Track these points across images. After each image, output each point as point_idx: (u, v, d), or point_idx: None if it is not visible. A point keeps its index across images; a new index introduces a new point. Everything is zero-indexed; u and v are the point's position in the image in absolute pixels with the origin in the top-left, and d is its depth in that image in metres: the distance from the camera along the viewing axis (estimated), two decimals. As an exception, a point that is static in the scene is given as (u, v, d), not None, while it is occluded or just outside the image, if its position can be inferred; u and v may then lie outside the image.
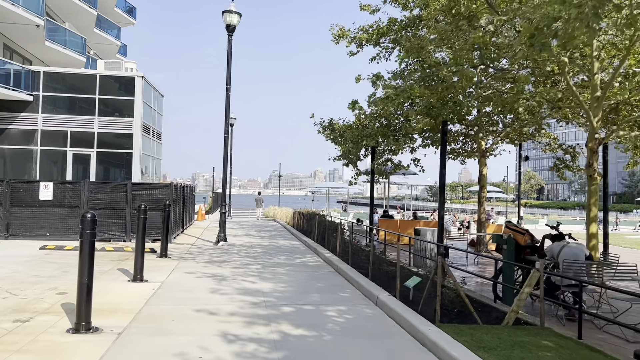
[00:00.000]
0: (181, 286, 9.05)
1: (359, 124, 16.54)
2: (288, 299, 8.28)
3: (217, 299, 8.14)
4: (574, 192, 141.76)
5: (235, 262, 12.17)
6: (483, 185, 17.23)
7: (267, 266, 11.72)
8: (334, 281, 10.10)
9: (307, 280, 10.13)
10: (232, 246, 15.56)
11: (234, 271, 10.88)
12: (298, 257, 13.60)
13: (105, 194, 15.44)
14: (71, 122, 23.42)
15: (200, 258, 12.76)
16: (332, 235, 14.95)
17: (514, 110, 13.93)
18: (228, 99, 15.71)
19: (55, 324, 6.26)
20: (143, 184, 16.04)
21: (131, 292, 8.36)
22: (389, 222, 19.71)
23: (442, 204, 11.56)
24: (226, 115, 15.76)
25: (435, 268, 6.61)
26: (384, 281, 9.62)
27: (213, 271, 10.80)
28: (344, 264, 11.46)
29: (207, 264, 11.75)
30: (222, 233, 15.81)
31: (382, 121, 16.17)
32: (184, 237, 17.67)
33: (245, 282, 9.63)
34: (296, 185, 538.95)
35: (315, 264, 12.43)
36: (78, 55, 28.83)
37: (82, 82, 24.26)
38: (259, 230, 22.52)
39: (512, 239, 8.47)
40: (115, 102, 24.60)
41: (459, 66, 10.23)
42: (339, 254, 13.09)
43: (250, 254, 13.82)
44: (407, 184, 33.19)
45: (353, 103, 14.02)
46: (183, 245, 15.39)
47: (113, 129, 23.90)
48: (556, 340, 5.83)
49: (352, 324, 6.80)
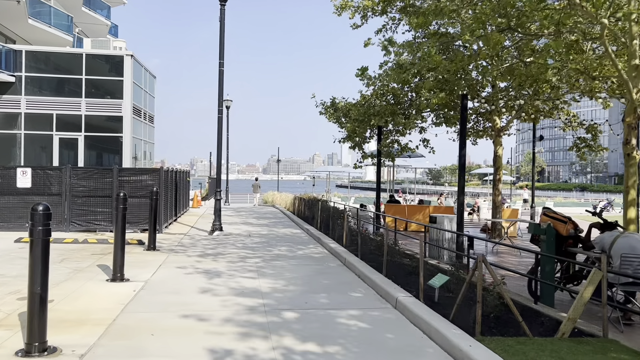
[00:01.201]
0: (168, 286, 7.84)
1: (364, 102, 15.23)
2: (291, 301, 7.08)
3: (209, 302, 6.93)
4: (575, 173, 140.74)
5: (231, 255, 10.96)
6: (499, 166, 15.98)
7: (267, 259, 10.52)
8: (342, 277, 8.89)
9: (312, 276, 8.92)
10: (229, 236, 14.35)
11: (230, 266, 9.67)
12: (300, 247, 12.40)
13: (90, 181, 14.18)
14: (57, 105, 22.07)
15: (192, 250, 11.55)
16: (337, 223, 13.74)
17: (540, 82, 12.64)
18: (221, 75, 14.37)
19: (4, 343, 5.04)
20: (131, 169, 14.79)
21: (107, 295, 7.14)
22: (396, 208, 18.50)
23: (461, 189, 10.32)
24: (219, 94, 14.43)
25: (474, 268, 5.39)
26: (401, 277, 8.42)
27: (206, 266, 9.59)
28: (352, 256, 10.26)
29: (200, 258, 10.54)
30: (218, 222, 14.59)
31: (389, 99, 14.88)
32: (177, 226, 16.45)
33: (241, 280, 8.43)
34: (295, 170, 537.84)
35: (320, 255, 11.23)
36: (64, 34, 27.33)
37: (68, 62, 22.84)
38: (258, 218, 21.31)
39: (552, 229, 7.25)
40: (104, 82, 23.20)
41: (484, 29, 8.90)
42: (346, 244, 11.88)
43: (248, 245, 12.62)
44: (411, 167, 31.93)
45: (362, 70, 12.64)
46: (175, 235, 14.17)
47: (101, 112, 22.56)
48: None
49: (370, 336, 5.60)
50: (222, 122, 14.30)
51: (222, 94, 14.37)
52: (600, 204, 41.64)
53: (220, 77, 14.33)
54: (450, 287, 7.11)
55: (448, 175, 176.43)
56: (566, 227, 7.36)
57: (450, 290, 7.29)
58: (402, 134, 16.82)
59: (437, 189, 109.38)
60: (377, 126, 15.76)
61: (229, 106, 33.32)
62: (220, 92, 14.39)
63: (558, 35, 10.80)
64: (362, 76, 12.72)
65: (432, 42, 10.12)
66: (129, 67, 22.65)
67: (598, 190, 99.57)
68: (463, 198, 10.37)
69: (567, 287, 7.38)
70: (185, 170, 22.36)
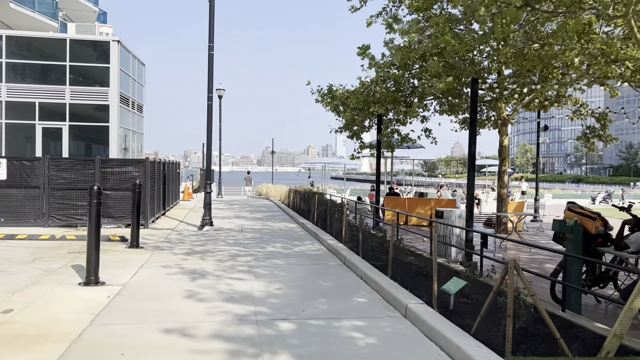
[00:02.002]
0: (148, 290, 6.98)
1: (363, 89, 14.35)
2: (287, 308, 6.25)
3: (193, 310, 6.09)
4: (570, 165, 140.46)
5: (221, 253, 10.11)
6: (504, 157, 15.16)
7: (260, 258, 9.67)
8: (343, 278, 8.07)
9: (310, 277, 8.09)
10: (219, 231, 13.49)
11: (219, 265, 8.83)
12: (296, 244, 11.56)
13: (71, 172, 13.25)
14: (40, 93, 21.04)
15: (179, 248, 10.68)
16: (335, 217, 12.91)
17: (550, 67, 11.83)
18: (211, 59, 13.43)
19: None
20: (114, 160, 13.89)
21: (77, 302, 6.28)
22: (396, 201, 17.68)
23: (471, 180, 9.49)
24: (209, 79, 13.50)
25: (503, 275, 4.57)
26: (408, 279, 7.62)
27: (193, 266, 8.74)
28: (352, 254, 9.44)
29: (187, 256, 9.68)
30: (208, 216, 13.72)
31: (390, 86, 14.01)
32: (165, 221, 15.56)
33: (232, 282, 7.59)
34: (289, 162, 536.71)
35: (317, 253, 10.40)
36: (49, 20, 26.25)
37: (51, 48, 21.77)
38: (251, 211, 20.45)
39: (580, 226, 6.44)
40: (89, 69, 22.17)
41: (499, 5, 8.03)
42: (345, 240, 11.06)
43: (239, 241, 11.77)
44: (409, 158, 31.11)
45: (364, 48, 11.67)
46: (162, 230, 13.29)
47: (87, 100, 21.54)
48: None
49: (381, 354, 4.78)
50: (211, 109, 13.40)
51: (212, 79, 13.45)
52: (599, 195, 41.07)
53: (210, 62, 13.39)
54: (465, 291, 6.31)
55: (443, 166, 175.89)
56: (595, 224, 6.55)
57: (465, 295, 6.49)
58: (403, 123, 15.97)
59: (432, 180, 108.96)
60: (377, 115, 14.93)
61: (221, 95, 32.27)
62: (210, 77, 13.46)
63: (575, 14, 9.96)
64: (364, 55, 11.78)
65: (444, 20, 9.22)
66: (115, 54, 21.62)
67: (593, 181, 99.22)
68: (473, 191, 9.55)
69: (594, 291, 6.59)
70: (175, 162, 21.43)
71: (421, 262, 8.28)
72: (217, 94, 32.23)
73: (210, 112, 13.45)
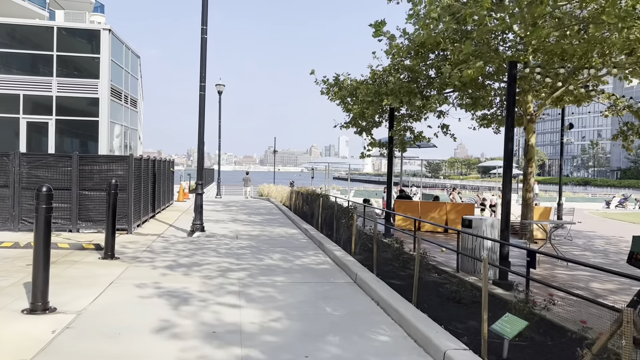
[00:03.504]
0: (109, 321, 5.47)
1: (374, 79, 12.83)
2: (284, 351, 4.74)
3: (160, 354, 4.58)
4: (576, 167, 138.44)
5: (209, 267, 8.59)
6: (531, 157, 13.61)
7: (255, 273, 8.15)
8: (355, 304, 6.54)
9: (315, 301, 6.57)
10: (211, 238, 11.97)
11: (205, 284, 7.31)
12: (298, 255, 10.03)
13: (45, 170, 11.78)
14: (24, 84, 19.57)
15: (162, 259, 9.17)
16: (342, 223, 11.38)
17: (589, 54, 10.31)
18: (204, 44, 11.90)
19: None
20: (95, 157, 12.41)
21: (9, 340, 4.78)
22: (408, 205, 16.12)
23: (508, 183, 7.95)
24: (202, 66, 11.97)
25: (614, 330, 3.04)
26: (437, 306, 6.12)
27: (173, 284, 7.23)
28: (364, 270, 7.91)
29: (169, 271, 8.17)
30: (199, 220, 12.21)
31: (403, 78, 12.48)
32: (153, 225, 14.06)
33: (218, 308, 6.08)
34: (292, 162, 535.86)
35: (323, 267, 8.87)
36: (38, 8, 24.81)
37: (37, 36, 20.29)
38: (249, 213, 18.92)
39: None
40: (78, 60, 20.70)
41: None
42: (355, 252, 9.53)
43: (232, 251, 10.25)
44: (417, 159, 29.52)
45: (378, 25, 10.08)
46: (146, 236, 11.78)
47: (75, 92, 20.07)
48: None
49: None
50: (204, 100, 11.87)
51: (204, 66, 11.92)
52: (614, 199, 39.43)
53: (202, 46, 11.87)
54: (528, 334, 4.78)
55: (446, 168, 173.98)
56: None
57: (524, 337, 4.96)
58: (417, 119, 14.45)
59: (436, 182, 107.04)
60: (389, 109, 13.40)
61: (221, 91, 30.86)
62: (202, 64, 11.94)
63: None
64: (379, 33, 10.21)
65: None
66: (106, 43, 20.13)
67: (601, 184, 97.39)
68: (510, 196, 8.02)
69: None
70: (168, 160, 19.92)
71: (451, 283, 6.76)
72: (217, 89, 30.85)
73: (203, 103, 11.94)
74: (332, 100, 13.99)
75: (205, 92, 11.94)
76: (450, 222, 15.54)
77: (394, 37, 10.87)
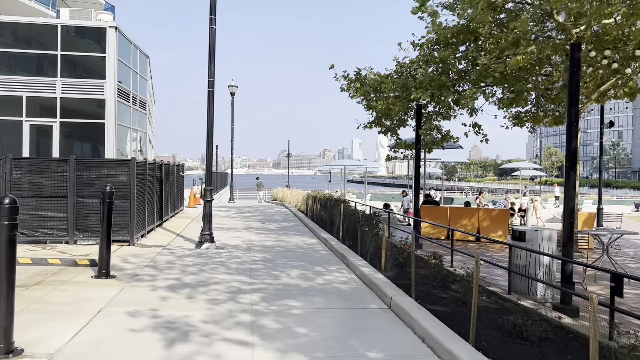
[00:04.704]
0: (85, 369, 4.30)
1: (401, 71, 11.60)
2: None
3: None
4: (596, 169, 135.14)
5: (218, 287, 7.40)
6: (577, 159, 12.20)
7: (270, 296, 6.94)
8: (394, 341, 5.29)
9: (344, 338, 5.33)
10: (221, 250, 10.80)
11: (211, 312, 6.12)
12: (319, 271, 8.80)
13: (39, 176, 10.71)
14: (27, 85, 18.64)
15: (164, 277, 8.00)
16: (367, 232, 10.14)
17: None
18: (213, 35, 10.76)
19: None
20: (94, 161, 11.33)
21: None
22: (435, 211, 14.80)
23: (571, 187, 6.65)
24: (210, 60, 10.82)
25: None
26: (498, 342, 4.87)
27: (174, 312, 6.05)
28: (400, 293, 6.66)
29: (170, 293, 7.00)
30: (208, 230, 11.04)
31: (432, 72, 11.22)
32: (159, 234, 12.93)
33: (224, 349, 4.89)
34: (305, 165, 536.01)
35: (349, 288, 7.62)
36: (44, 7, 24.00)
37: (41, 35, 19.37)
38: (263, 220, 17.74)
39: None
40: (83, 59, 19.74)
41: None
42: (385, 269, 8.27)
43: (245, 266, 9.06)
44: (439, 161, 28.17)
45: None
46: (150, 248, 10.65)
47: (80, 94, 19.09)
48: None
49: None
50: (213, 96, 10.71)
51: (213, 58, 10.76)
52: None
53: (211, 38, 10.72)
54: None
55: (462, 170, 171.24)
56: None
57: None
58: (446, 117, 13.15)
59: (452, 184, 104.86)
60: (416, 106, 12.16)
61: (234, 92, 29.87)
62: (210, 56, 10.78)
63: None
64: (422, 8, 8.93)
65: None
66: (112, 42, 19.14)
67: (623, 186, 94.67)
68: (574, 204, 6.74)
69: None
70: (178, 163, 18.83)
71: (513, 312, 5.47)
72: (229, 90, 29.91)
73: (212, 100, 10.78)
74: (353, 97, 12.76)
75: (214, 88, 10.79)
76: (483, 231, 14.20)
77: (436, 13, 9.61)
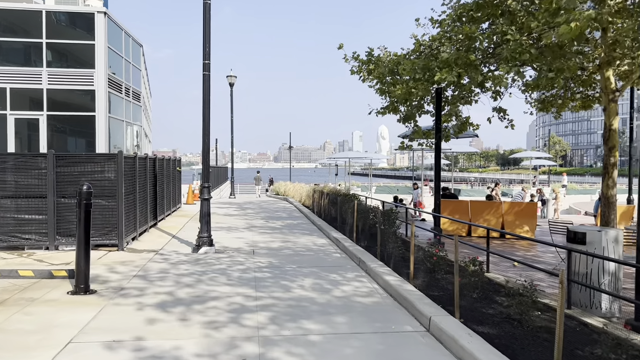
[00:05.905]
0: None
1: (420, 50, 10.32)
2: None
3: None
4: (600, 157, 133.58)
5: (217, 305, 6.17)
6: (614, 145, 10.97)
7: (280, 316, 5.71)
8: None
9: (380, 378, 4.11)
10: (221, 254, 9.57)
11: (208, 339, 4.90)
12: (335, 279, 7.57)
13: (14, 173, 9.48)
14: (10, 76, 17.38)
15: (154, 290, 6.77)
16: (385, 231, 8.91)
17: None
18: (207, 11, 9.46)
19: None
20: (76, 156, 10.08)
21: None
22: (455, 206, 13.54)
23: None
24: (205, 40, 9.53)
25: None
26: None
27: (162, 341, 4.84)
28: (441, 312, 5.44)
29: (160, 313, 5.77)
30: (206, 232, 9.80)
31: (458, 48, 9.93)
32: (153, 236, 11.71)
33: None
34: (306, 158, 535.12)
35: (373, 302, 6.39)
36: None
37: (24, 22, 18.06)
38: (267, 218, 16.50)
39: None
40: (70, 48, 18.43)
41: None
42: (414, 277, 7.04)
43: (249, 274, 7.83)
44: (449, 151, 26.87)
45: None
46: (141, 253, 9.42)
47: (68, 85, 17.83)
48: None
49: None
50: (209, 81, 9.44)
51: (208, 38, 9.48)
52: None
53: (205, 14, 9.43)
54: None
55: (464, 161, 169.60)
56: None
57: None
58: (468, 102, 11.88)
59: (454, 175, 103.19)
60: (436, 90, 10.89)
61: (233, 83, 28.59)
62: (205, 35, 9.50)
63: None
64: None
65: None
66: (101, 28, 17.84)
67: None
68: None
69: None
70: (174, 158, 17.57)
71: (602, 345, 4.24)
72: (228, 81, 28.63)
73: (208, 85, 9.50)
74: (365, 80, 11.49)
75: (210, 71, 9.50)
76: (508, 226, 12.98)
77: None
